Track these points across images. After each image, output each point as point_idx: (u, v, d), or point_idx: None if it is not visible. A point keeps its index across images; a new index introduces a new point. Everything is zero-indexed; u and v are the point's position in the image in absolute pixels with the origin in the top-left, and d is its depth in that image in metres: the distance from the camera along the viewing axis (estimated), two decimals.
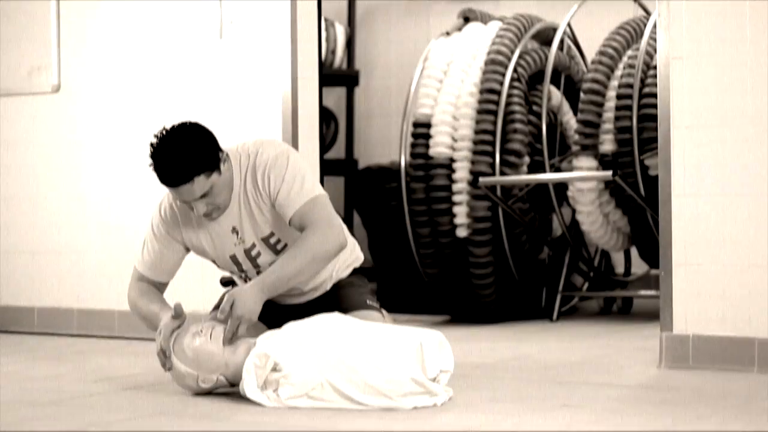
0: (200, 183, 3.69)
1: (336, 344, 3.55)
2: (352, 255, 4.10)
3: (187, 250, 3.97)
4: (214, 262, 3.99)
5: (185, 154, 3.67)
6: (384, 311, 4.17)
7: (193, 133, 3.74)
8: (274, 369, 3.54)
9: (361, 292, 4.05)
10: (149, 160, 3.71)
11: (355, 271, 4.12)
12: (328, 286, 4.06)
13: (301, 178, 3.80)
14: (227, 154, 3.82)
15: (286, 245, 3.87)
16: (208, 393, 3.74)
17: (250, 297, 3.70)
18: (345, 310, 3.88)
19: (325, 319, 3.70)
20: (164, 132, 3.73)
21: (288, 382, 3.51)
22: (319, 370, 3.51)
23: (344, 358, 3.51)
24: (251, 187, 3.82)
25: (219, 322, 3.71)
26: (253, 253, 3.88)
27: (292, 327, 3.67)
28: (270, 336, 3.66)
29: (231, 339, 3.67)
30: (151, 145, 3.72)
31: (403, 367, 3.49)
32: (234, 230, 3.86)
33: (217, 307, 4.06)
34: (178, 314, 3.75)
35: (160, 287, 3.98)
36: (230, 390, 3.70)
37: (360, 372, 3.48)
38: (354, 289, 4.06)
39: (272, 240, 3.87)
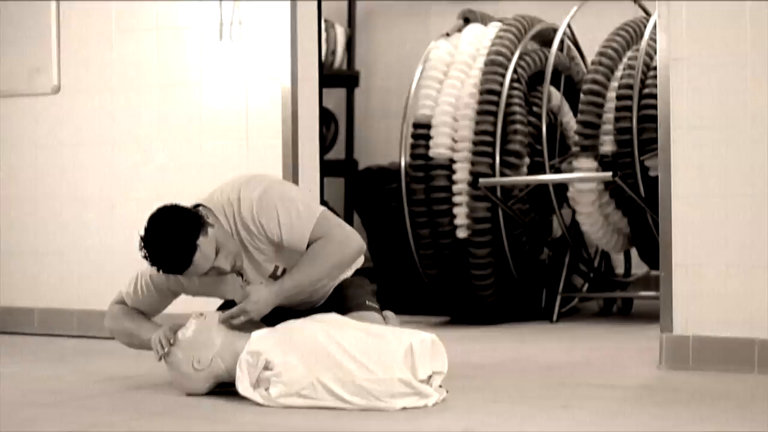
0: (205, 245, 3.63)
1: (327, 344, 3.57)
2: None
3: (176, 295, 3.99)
4: (223, 297, 4.02)
5: (174, 238, 3.61)
6: (391, 313, 4.19)
7: (166, 217, 3.67)
8: (266, 367, 3.57)
9: (360, 293, 4.06)
10: (154, 268, 3.70)
11: (357, 272, 4.13)
12: (331, 289, 4.07)
13: (295, 209, 3.75)
14: (206, 207, 3.77)
15: None
16: (207, 393, 3.75)
17: (264, 299, 3.72)
18: (345, 310, 3.89)
19: (319, 319, 3.72)
20: (143, 237, 3.66)
21: (279, 381, 3.54)
22: (310, 369, 3.53)
23: (334, 358, 3.53)
24: (246, 234, 3.77)
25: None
26: None
27: (285, 326, 3.70)
28: (264, 334, 3.68)
29: (227, 321, 3.72)
30: (145, 258, 3.68)
31: (392, 368, 3.51)
32: (239, 273, 3.85)
33: (220, 308, 4.06)
34: None
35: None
36: (230, 390, 3.70)
37: (349, 372, 3.51)
38: (354, 289, 4.07)
39: (278, 273, 3.86)
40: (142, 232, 3.66)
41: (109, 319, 4.00)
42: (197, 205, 3.78)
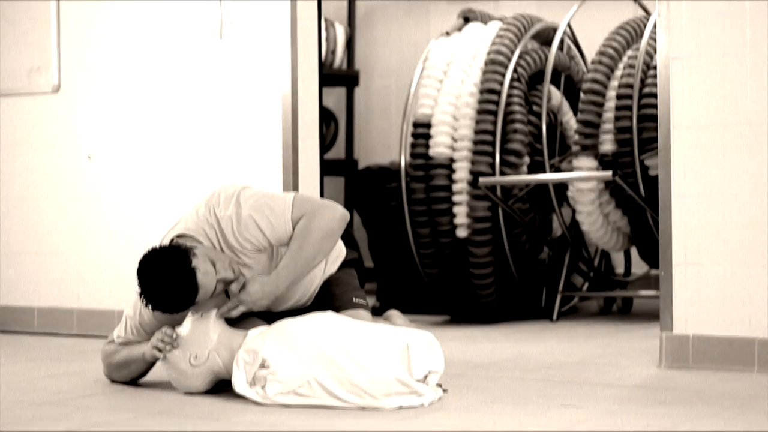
0: (201, 263, 3.64)
1: (323, 343, 3.59)
2: (336, 246, 4.09)
3: None
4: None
5: (171, 275, 3.62)
6: (397, 311, 4.20)
7: (153, 263, 3.68)
8: (262, 365, 3.58)
9: (346, 290, 4.07)
10: (162, 313, 3.74)
11: (343, 264, 4.13)
12: (317, 288, 4.07)
13: (268, 209, 3.77)
14: (185, 236, 3.78)
15: None
16: (207, 392, 3.76)
17: (260, 291, 3.74)
18: (332, 310, 3.89)
19: (315, 317, 3.73)
20: (141, 292, 3.68)
21: (275, 379, 3.56)
22: (306, 367, 3.55)
23: (331, 356, 3.55)
24: (230, 253, 3.80)
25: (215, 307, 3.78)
26: None
27: (281, 324, 3.71)
28: (260, 331, 3.69)
29: (224, 313, 3.73)
30: (153, 308, 3.72)
31: (388, 367, 3.52)
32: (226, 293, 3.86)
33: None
34: None
35: None
36: (229, 389, 3.71)
37: (345, 371, 3.52)
38: (340, 287, 4.07)
39: None
40: (138, 288, 3.69)
41: (104, 356, 4.04)
42: (177, 237, 3.80)
